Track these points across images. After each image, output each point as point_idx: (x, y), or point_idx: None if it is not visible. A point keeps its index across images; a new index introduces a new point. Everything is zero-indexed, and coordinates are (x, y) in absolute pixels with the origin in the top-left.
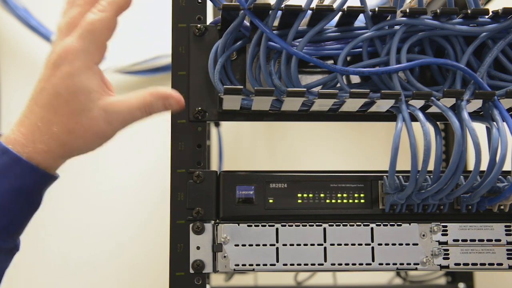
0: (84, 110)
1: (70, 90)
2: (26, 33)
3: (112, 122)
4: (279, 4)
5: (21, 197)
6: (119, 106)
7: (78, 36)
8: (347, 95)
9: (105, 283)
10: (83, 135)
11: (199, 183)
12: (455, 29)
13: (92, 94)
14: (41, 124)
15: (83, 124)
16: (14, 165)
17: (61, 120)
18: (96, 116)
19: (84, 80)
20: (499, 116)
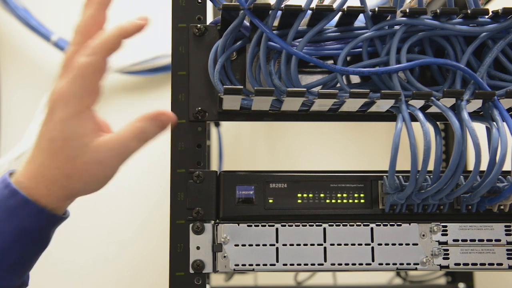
0: (78, 155)
1: (64, 136)
2: (26, 33)
3: (105, 162)
4: (279, 4)
5: (28, 238)
6: (112, 143)
7: (69, 80)
8: (347, 95)
9: (105, 283)
10: (81, 179)
11: (199, 183)
12: (455, 29)
13: (84, 138)
14: (43, 169)
15: (78, 169)
16: (22, 207)
17: (59, 165)
18: (90, 160)
19: (76, 125)
20: (499, 116)
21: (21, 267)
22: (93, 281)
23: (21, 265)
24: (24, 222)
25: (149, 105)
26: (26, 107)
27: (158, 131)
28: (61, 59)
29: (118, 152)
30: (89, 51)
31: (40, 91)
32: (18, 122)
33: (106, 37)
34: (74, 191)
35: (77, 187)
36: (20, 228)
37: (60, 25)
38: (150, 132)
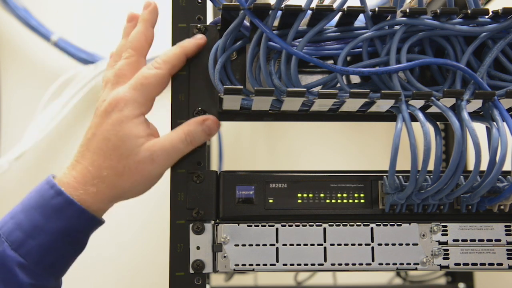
0: (131, 154)
1: (119, 136)
2: (26, 33)
3: (157, 160)
4: (279, 4)
5: (69, 239)
6: (162, 143)
7: (131, 86)
8: (347, 95)
9: (105, 283)
10: (131, 178)
11: (199, 183)
12: (455, 29)
13: (138, 139)
14: (91, 168)
15: (131, 167)
16: (67, 208)
17: (111, 164)
18: (142, 158)
19: (131, 127)
20: (499, 116)
21: (59, 268)
22: (93, 281)
23: (59, 265)
24: (66, 223)
25: None
26: (26, 107)
27: (204, 135)
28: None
29: (167, 152)
30: (156, 65)
31: (40, 91)
32: (18, 122)
33: (171, 54)
34: (122, 190)
35: (126, 186)
36: (62, 228)
37: (60, 25)
38: (197, 136)
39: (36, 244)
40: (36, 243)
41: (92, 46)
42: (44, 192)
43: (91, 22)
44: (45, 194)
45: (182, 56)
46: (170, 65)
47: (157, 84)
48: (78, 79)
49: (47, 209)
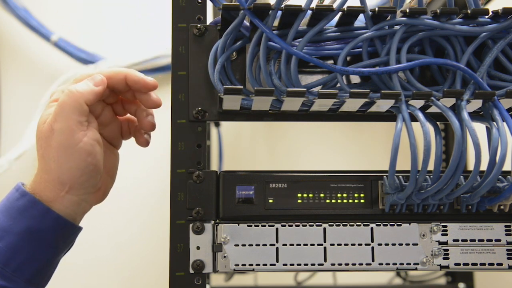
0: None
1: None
2: (26, 33)
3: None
4: (279, 4)
5: (35, 238)
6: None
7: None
8: (347, 95)
9: (105, 283)
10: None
11: (199, 183)
12: (455, 29)
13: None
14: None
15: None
16: (30, 207)
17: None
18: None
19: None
20: (499, 116)
21: (29, 270)
22: (93, 281)
23: (30, 267)
24: (31, 222)
25: None
26: (26, 107)
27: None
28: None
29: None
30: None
31: (40, 91)
32: (18, 122)
33: (115, 73)
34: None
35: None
36: (27, 227)
37: (60, 25)
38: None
39: (3, 246)
40: (3, 244)
41: (92, 46)
42: (10, 195)
43: (91, 22)
44: (11, 197)
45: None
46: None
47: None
48: None
49: (12, 211)
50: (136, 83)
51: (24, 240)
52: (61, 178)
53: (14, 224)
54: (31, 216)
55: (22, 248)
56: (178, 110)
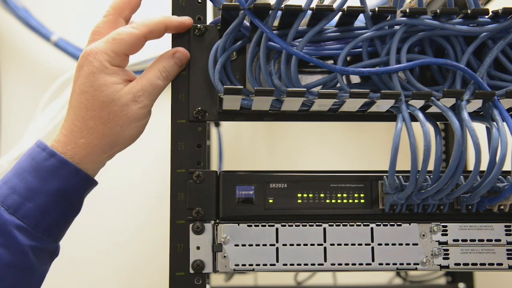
0: (113, 100)
1: (95, 86)
2: (26, 33)
3: (140, 100)
4: (279, 4)
5: (65, 199)
6: (142, 84)
7: (102, 40)
8: (347, 95)
9: (105, 283)
10: (119, 122)
11: (199, 183)
12: (455, 29)
13: (116, 86)
14: (78, 122)
15: (116, 112)
16: (61, 168)
17: (94, 114)
18: (125, 101)
19: (105, 76)
20: (499, 116)
21: (57, 230)
22: (93, 281)
23: (57, 227)
24: (62, 183)
25: None
26: (26, 107)
27: (177, 67)
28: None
29: (148, 91)
30: (134, 25)
31: (40, 91)
32: (18, 122)
33: (151, 19)
34: (112, 138)
35: (115, 132)
36: (58, 188)
37: (60, 25)
38: (171, 69)
39: (33, 206)
40: (34, 205)
41: None
42: (36, 154)
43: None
44: (37, 156)
45: (161, 25)
46: (147, 28)
47: (129, 42)
48: None
49: (41, 171)
50: (176, 29)
51: (54, 201)
52: (117, 142)
53: (44, 184)
54: (61, 177)
55: (52, 209)
56: (178, 110)
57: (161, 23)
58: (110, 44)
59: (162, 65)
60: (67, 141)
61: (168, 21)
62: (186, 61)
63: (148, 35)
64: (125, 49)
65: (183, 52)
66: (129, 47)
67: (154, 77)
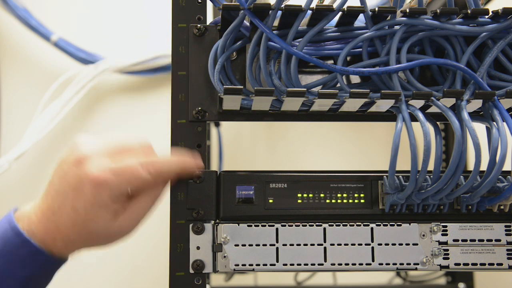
0: (101, 233)
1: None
2: (26, 33)
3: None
4: (279, 4)
5: (35, 284)
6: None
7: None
8: (347, 95)
9: (105, 283)
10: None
11: (199, 183)
12: (455, 29)
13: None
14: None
15: (100, 239)
16: (34, 257)
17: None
18: (113, 234)
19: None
20: (499, 116)
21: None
22: (93, 281)
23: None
24: (34, 271)
25: (149, 105)
26: (26, 107)
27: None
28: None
29: (138, 219)
30: (151, 169)
31: (40, 91)
32: (18, 122)
33: (167, 170)
34: (91, 249)
35: (95, 247)
36: (30, 276)
37: (60, 25)
38: (159, 193)
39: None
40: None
41: (92, 46)
42: (7, 237)
43: (91, 22)
44: (9, 241)
45: (174, 175)
46: (160, 178)
47: (139, 186)
48: (78, 79)
49: (12, 258)
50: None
51: (24, 286)
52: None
53: (14, 273)
54: (34, 266)
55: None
56: (178, 110)
57: (175, 173)
58: (119, 183)
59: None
60: (47, 238)
61: (181, 172)
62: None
63: (159, 183)
64: (132, 191)
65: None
66: (137, 189)
67: (146, 205)
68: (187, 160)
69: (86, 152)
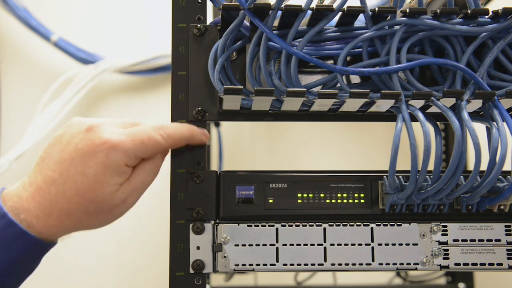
0: (106, 198)
1: (98, 179)
2: (26, 33)
3: (129, 200)
4: (279, 4)
5: (22, 268)
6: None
7: (128, 134)
8: (347, 95)
9: (105, 283)
10: (100, 217)
11: (199, 183)
12: (455, 29)
13: (115, 185)
14: (62, 201)
15: (103, 208)
16: (19, 239)
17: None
18: (117, 202)
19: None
20: (499, 116)
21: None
22: (93, 281)
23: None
24: (19, 254)
25: (149, 105)
26: (26, 107)
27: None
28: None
29: (140, 191)
30: (163, 133)
31: (40, 91)
32: (18, 122)
33: (178, 134)
34: (86, 226)
35: (92, 223)
36: (15, 259)
37: (60, 25)
38: (160, 164)
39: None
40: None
41: (91, 46)
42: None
43: (91, 22)
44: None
45: (184, 141)
46: (172, 142)
47: (153, 150)
48: (78, 79)
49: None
50: (194, 144)
51: (9, 272)
52: (89, 227)
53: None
54: (19, 249)
55: (7, 280)
56: (178, 110)
57: (185, 140)
58: (135, 145)
59: (159, 162)
60: (39, 215)
61: (190, 139)
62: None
63: (168, 148)
64: (145, 155)
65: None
66: (149, 154)
67: (148, 175)
68: (196, 128)
69: (97, 121)
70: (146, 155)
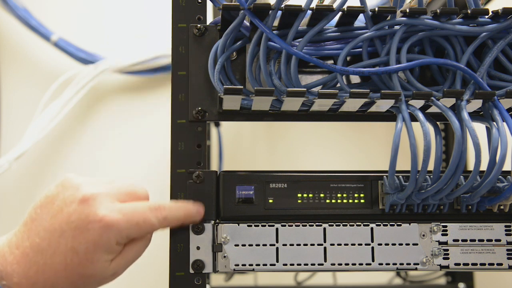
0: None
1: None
2: (26, 33)
3: (118, 273)
4: (279, 4)
5: None
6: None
7: (123, 212)
8: (347, 95)
9: None
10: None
11: (199, 183)
12: (455, 29)
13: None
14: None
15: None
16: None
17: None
18: (106, 276)
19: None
20: (499, 116)
21: None
22: None
23: None
24: None
25: (149, 105)
26: (26, 107)
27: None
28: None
29: (130, 263)
30: (159, 216)
31: (40, 91)
32: (18, 122)
33: (174, 218)
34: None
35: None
36: None
37: (60, 25)
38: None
39: None
40: None
41: (92, 46)
42: None
43: (91, 22)
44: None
45: (179, 223)
46: (166, 225)
47: (145, 231)
48: (78, 79)
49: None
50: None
51: None
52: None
53: None
54: None
55: None
56: (178, 110)
57: (180, 222)
58: (129, 227)
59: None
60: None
61: (184, 221)
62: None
63: (162, 228)
64: (138, 236)
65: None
66: (142, 235)
67: (139, 250)
68: (192, 208)
69: (93, 191)
70: (139, 236)
